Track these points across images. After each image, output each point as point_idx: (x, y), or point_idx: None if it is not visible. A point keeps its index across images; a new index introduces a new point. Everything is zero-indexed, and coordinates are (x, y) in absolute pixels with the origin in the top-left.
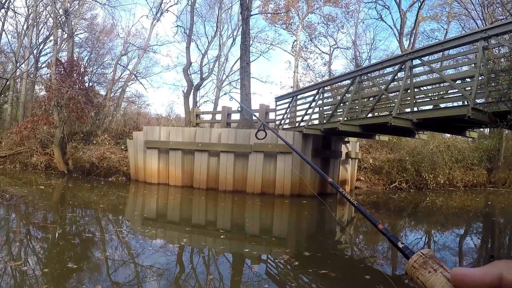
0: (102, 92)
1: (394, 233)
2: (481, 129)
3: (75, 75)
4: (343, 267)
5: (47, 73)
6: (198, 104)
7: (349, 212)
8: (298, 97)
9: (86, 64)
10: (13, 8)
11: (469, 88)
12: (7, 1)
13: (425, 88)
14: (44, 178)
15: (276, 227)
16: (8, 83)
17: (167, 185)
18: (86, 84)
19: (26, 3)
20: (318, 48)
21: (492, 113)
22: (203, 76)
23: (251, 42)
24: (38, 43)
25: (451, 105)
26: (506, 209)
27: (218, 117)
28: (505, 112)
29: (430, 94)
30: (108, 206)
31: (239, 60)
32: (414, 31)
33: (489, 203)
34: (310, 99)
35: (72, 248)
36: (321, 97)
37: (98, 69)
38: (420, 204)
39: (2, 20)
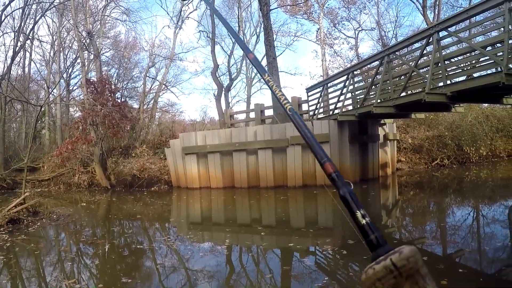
0: (135, 106)
1: (441, 212)
2: None
3: (107, 92)
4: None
5: (80, 95)
6: (230, 104)
7: (393, 195)
8: (329, 85)
9: (116, 80)
10: (38, 37)
11: (501, 53)
12: (31, 31)
13: (455, 59)
14: (88, 195)
15: (321, 218)
16: (43, 109)
17: (209, 188)
18: (119, 100)
19: (49, 30)
20: (343, 33)
21: None
22: (232, 77)
23: (274, 36)
24: (66, 67)
25: (484, 74)
26: None
27: (252, 115)
28: None
29: (461, 65)
30: (153, 215)
31: (265, 56)
32: (437, 2)
33: None
34: (341, 85)
35: (123, 260)
36: (351, 82)
37: (128, 84)
38: (465, 179)
39: (29, 50)
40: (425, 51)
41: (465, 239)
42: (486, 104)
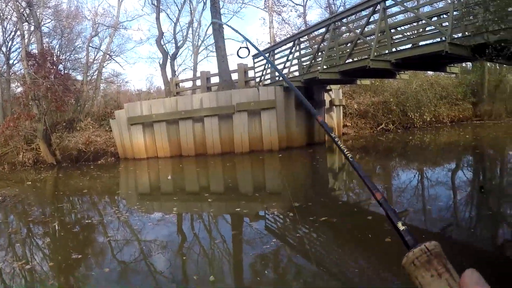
0: (79, 78)
1: (386, 175)
2: (464, 64)
3: (48, 65)
4: (342, 213)
5: (21, 69)
6: (177, 73)
7: (339, 159)
8: (276, 51)
9: (58, 52)
10: None
11: (446, 24)
12: None
13: (402, 28)
14: (34, 173)
15: (268, 183)
16: None
17: (156, 158)
18: (62, 72)
19: None
20: (291, 0)
21: (471, 47)
22: (178, 45)
23: (221, 3)
24: (5, 40)
25: (429, 43)
26: (494, 141)
27: (198, 83)
28: (482, 45)
29: (407, 34)
30: (101, 189)
31: (211, 23)
32: None
33: (477, 136)
34: (288, 52)
35: (74, 237)
36: (297, 48)
37: (71, 55)
38: (409, 143)
39: None
40: (371, 19)
41: (410, 200)
42: (431, 72)
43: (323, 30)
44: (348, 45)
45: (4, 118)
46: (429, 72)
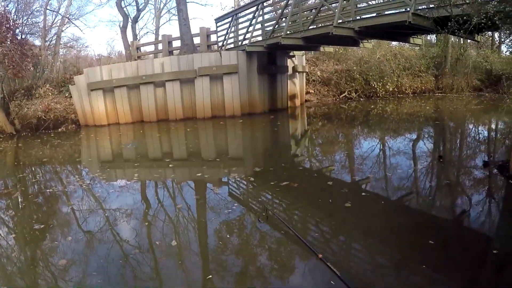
0: (38, 43)
1: (348, 142)
2: (428, 37)
3: (4, 29)
4: (303, 178)
5: None
6: (138, 37)
7: (301, 125)
8: (239, 15)
9: (15, 16)
10: None
11: None
12: None
13: None
14: None
15: (231, 148)
16: None
17: (118, 124)
18: (19, 37)
19: None
20: None
21: (434, 19)
22: (140, 7)
23: None
24: None
25: (393, 12)
26: (454, 114)
27: (160, 47)
28: (445, 18)
29: (372, 2)
30: (63, 158)
31: None
32: None
33: (438, 108)
34: (251, 16)
35: (37, 208)
36: (260, 13)
37: (29, 19)
38: (371, 112)
39: None
40: None
41: (372, 168)
42: (395, 43)
43: None
44: (312, 11)
45: None
46: (393, 42)
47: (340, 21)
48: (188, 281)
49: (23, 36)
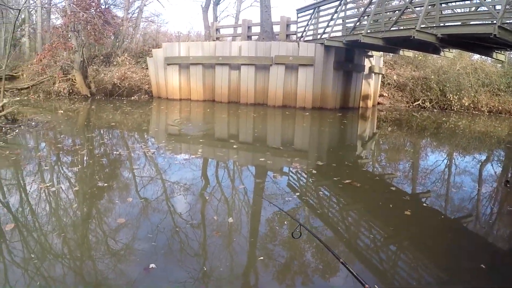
0: (120, 14)
1: (415, 152)
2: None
3: None
4: (365, 179)
5: (62, 1)
6: (218, 19)
7: (370, 128)
8: (321, 8)
9: None
10: None
11: (499, 7)
12: None
13: (452, 4)
14: (68, 103)
15: (296, 139)
16: (23, 16)
17: (189, 100)
18: (102, 6)
19: None
20: None
21: None
22: None
23: None
24: None
25: (478, 23)
26: None
27: (239, 30)
28: None
29: (457, 11)
30: (132, 125)
31: None
32: None
33: None
34: (333, 10)
35: (101, 168)
36: (343, 8)
37: None
38: (443, 124)
39: None
40: None
41: (434, 183)
42: (477, 56)
43: None
44: (395, 12)
45: (43, 48)
46: (475, 55)
47: (423, 25)
48: (233, 263)
49: (107, 6)
